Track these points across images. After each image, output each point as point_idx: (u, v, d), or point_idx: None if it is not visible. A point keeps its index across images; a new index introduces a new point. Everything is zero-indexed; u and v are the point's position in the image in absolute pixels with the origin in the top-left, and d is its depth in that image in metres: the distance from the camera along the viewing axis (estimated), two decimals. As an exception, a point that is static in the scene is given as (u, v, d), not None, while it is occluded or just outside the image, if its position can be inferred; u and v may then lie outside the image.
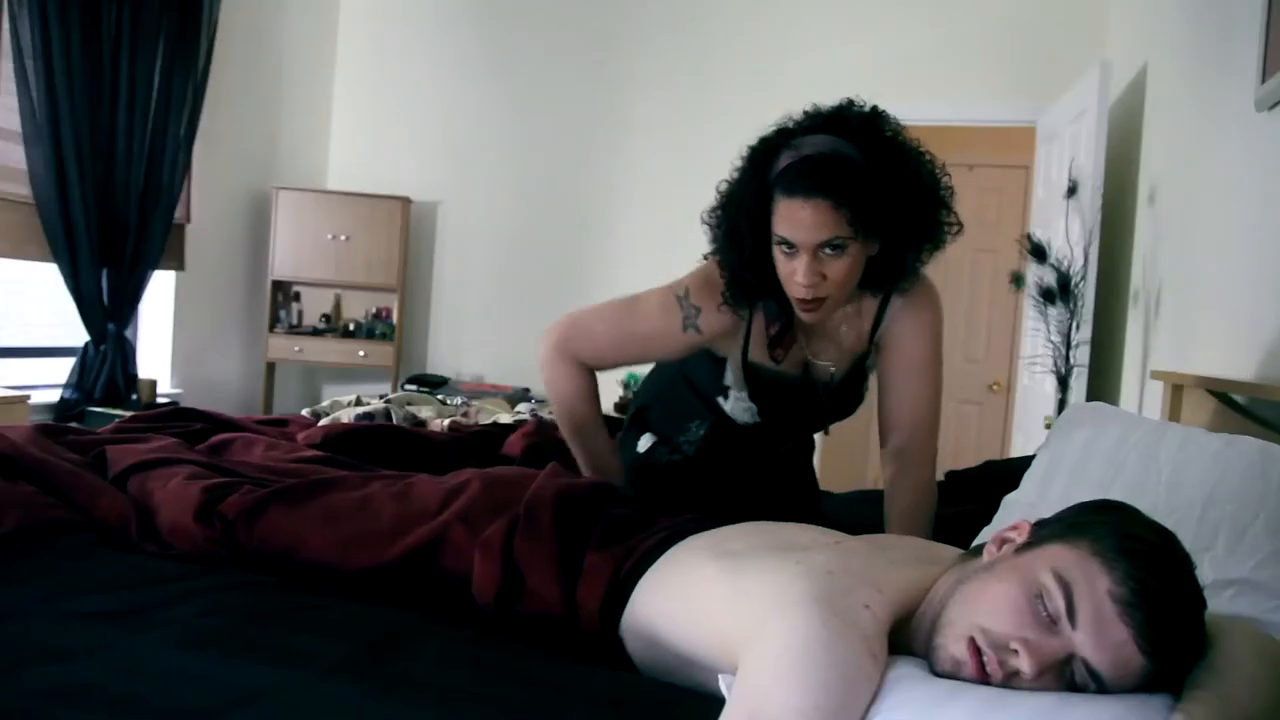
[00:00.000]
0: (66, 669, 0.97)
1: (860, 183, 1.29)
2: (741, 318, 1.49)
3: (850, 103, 1.39)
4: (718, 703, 0.85)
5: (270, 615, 1.05)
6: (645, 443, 1.69)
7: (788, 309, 1.46)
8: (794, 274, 1.34)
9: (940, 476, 2.35)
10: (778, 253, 1.35)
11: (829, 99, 1.39)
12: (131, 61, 3.61)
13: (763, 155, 1.37)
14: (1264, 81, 2.01)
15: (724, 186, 1.44)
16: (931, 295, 1.59)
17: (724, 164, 1.46)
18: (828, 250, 1.31)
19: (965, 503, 1.91)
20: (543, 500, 1.19)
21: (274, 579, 1.17)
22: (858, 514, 1.52)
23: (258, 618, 1.04)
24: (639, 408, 1.75)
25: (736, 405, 1.56)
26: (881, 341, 1.58)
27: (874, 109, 1.39)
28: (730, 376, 1.55)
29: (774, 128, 1.40)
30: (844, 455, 5.02)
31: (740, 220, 1.38)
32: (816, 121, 1.36)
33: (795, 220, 1.29)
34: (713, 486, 1.62)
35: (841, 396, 1.61)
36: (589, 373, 1.56)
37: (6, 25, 3.22)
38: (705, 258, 1.50)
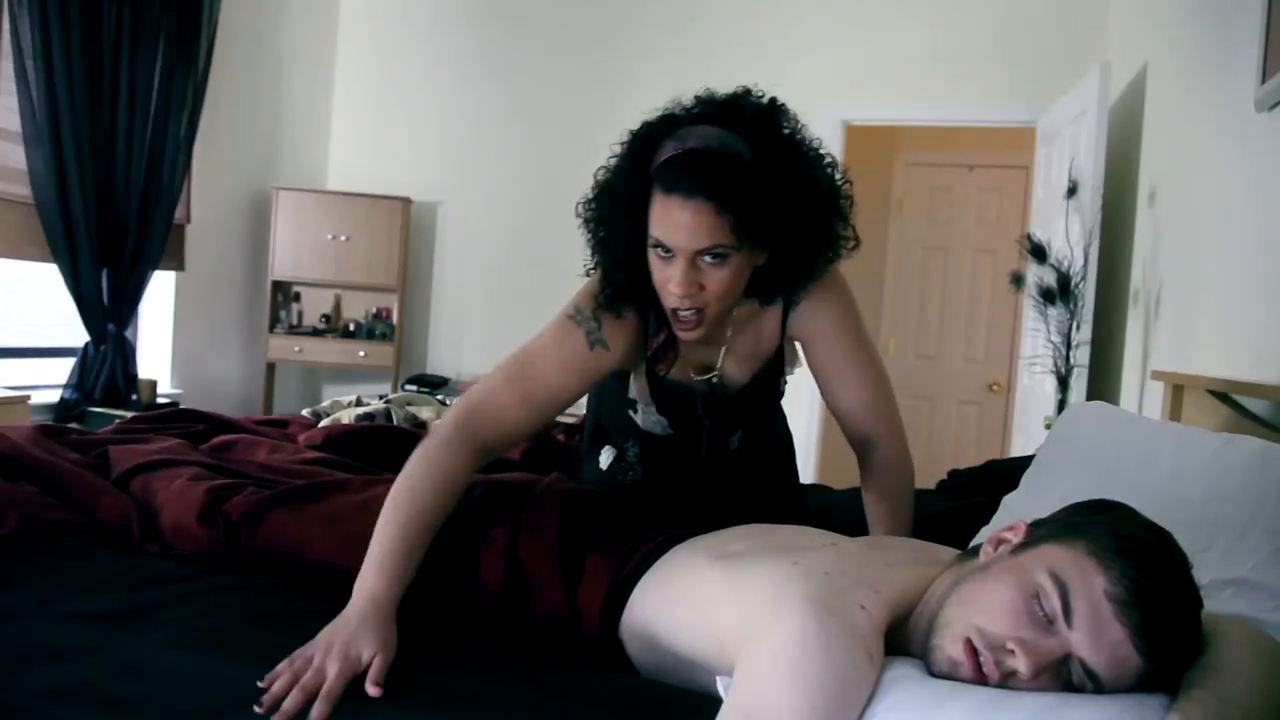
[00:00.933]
0: (66, 669, 0.98)
1: (748, 185, 1.15)
2: (636, 325, 1.35)
3: (747, 91, 1.24)
4: (716, 704, 0.85)
5: (272, 616, 1.05)
6: (606, 457, 1.57)
7: (666, 318, 1.31)
8: (668, 282, 1.19)
9: (943, 475, 2.36)
10: (653, 256, 1.20)
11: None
12: (131, 61, 3.61)
13: (644, 143, 1.22)
14: (1264, 81, 2.01)
15: (601, 174, 1.28)
16: (833, 285, 1.40)
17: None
18: (707, 259, 1.16)
19: (961, 497, 1.90)
20: (546, 503, 1.19)
21: (277, 580, 1.17)
22: (858, 509, 1.50)
23: (259, 619, 1.04)
24: (594, 425, 1.63)
25: (646, 418, 1.46)
26: (796, 339, 1.44)
27: (772, 100, 1.24)
28: (634, 389, 1.43)
29: (660, 112, 1.25)
30: (844, 450, 5.02)
31: (615, 214, 1.24)
32: (708, 110, 1.22)
33: (673, 222, 1.15)
34: (676, 501, 1.48)
35: (752, 401, 1.47)
36: (471, 468, 1.21)
37: (6, 25, 3.22)
38: (588, 273, 1.36)
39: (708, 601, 0.97)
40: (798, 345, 1.46)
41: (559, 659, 1.04)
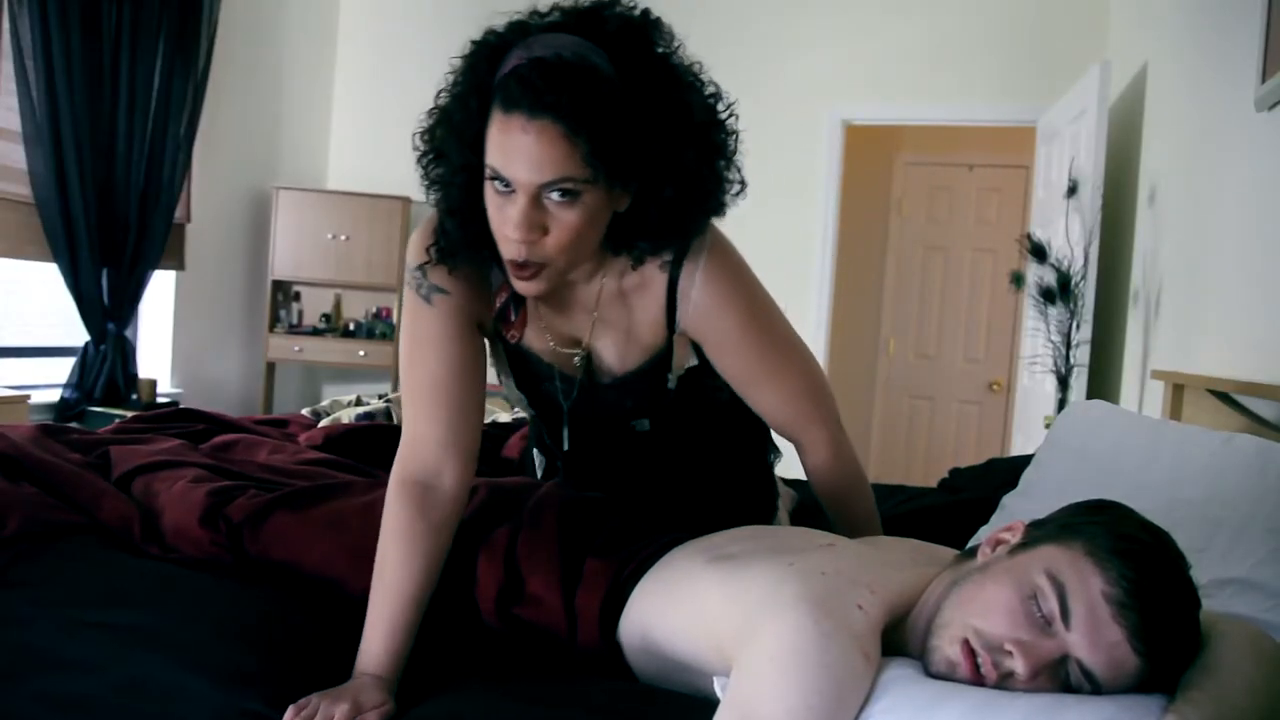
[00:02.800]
0: (68, 679, 0.98)
1: (607, 104, 0.95)
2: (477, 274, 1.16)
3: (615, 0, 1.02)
4: (713, 709, 0.85)
5: (276, 638, 1.04)
6: (538, 461, 1.45)
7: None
8: (504, 224, 0.99)
9: (943, 474, 2.36)
10: (490, 191, 1.00)
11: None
12: (131, 61, 3.61)
13: (487, 55, 1.01)
14: (1264, 81, 2.01)
15: (440, 97, 1.07)
16: (721, 255, 1.16)
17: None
18: (554, 195, 0.97)
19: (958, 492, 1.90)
20: (547, 507, 1.18)
21: (281, 592, 1.15)
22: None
23: (263, 639, 1.03)
24: (524, 422, 1.49)
25: (510, 392, 1.28)
26: (688, 333, 1.19)
27: (645, 12, 1.04)
28: (496, 365, 1.27)
29: (508, 20, 1.04)
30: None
31: (449, 143, 1.03)
32: (565, 19, 1.01)
33: (512, 147, 0.95)
34: (594, 487, 1.30)
35: (634, 395, 1.25)
36: (425, 516, 1.09)
37: (6, 25, 3.21)
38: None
39: (705, 603, 0.97)
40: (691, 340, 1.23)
41: (559, 673, 1.04)
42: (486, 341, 1.24)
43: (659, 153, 1.00)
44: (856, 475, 1.33)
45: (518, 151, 0.95)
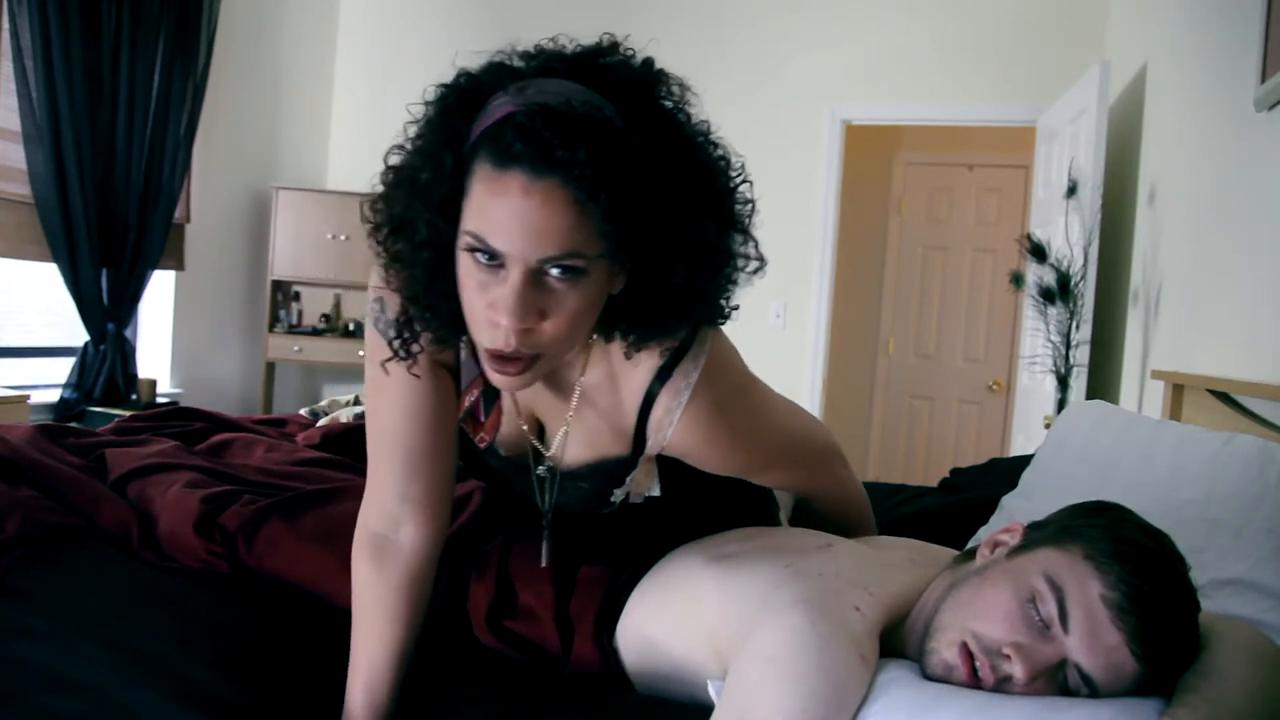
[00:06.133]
0: (66, 699, 0.98)
1: (626, 164, 0.78)
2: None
3: (614, 44, 0.90)
4: (708, 713, 0.85)
5: (275, 667, 1.04)
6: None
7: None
8: (490, 307, 0.81)
9: (943, 474, 2.36)
10: (467, 264, 0.81)
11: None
12: (131, 61, 3.61)
13: (462, 99, 0.84)
14: (1264, 81, 2.00)
15: (393, 156, 0.90)
16: (709, 386, 0.95)
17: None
18: (554, 271, 0.79)
19: (958, 492, 1.90)
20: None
21: (277, 613, 1.14)
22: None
23: (259, 671, 1.02)
24: None
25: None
26: (655, 447, 0.99)
27: (648, 61, 0.89)
28: None
29: (486, 62, 0.88)
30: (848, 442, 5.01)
31: (412, 208, 0.84)
32: (556, 63, 0.87)
33: (507, 212, 0.77)
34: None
35: (583, 496, 1.07)
36: (386, 572, 1.03)
37: (6, 25, 3.21)
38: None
39: (702, 604, 0.96)
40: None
41: (554, 696, 1.03)
42: None
43: (676, 224, 0.83)
44: (858, 506, 1.29)
45: (514, 218, 0.76)
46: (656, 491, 1.08)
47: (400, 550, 1.04)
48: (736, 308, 0.93)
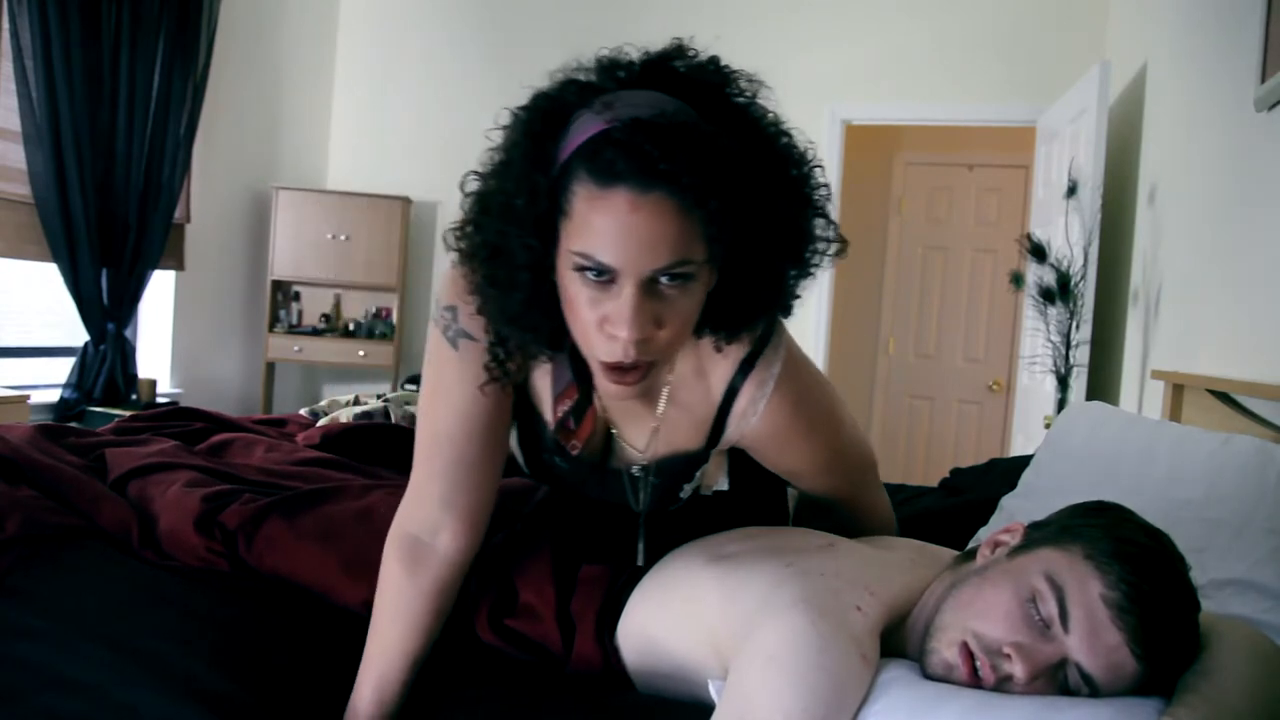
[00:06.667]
0: (66, 699, 0.98)
1: (725, 170, 0.80)
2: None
3: (680, 47, 0.90)
4: (709, 713, 0.85)
5: (273, 667, 1.04)
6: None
7: (582, 368, 0.97)
8: (605, 321, 0.82)
9: (943, 474, 2.36)
10: (574, 282, 0.83)
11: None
12: (131, 61, 3.61)
13: (546, 120, 0.85)
14: (1264, 81, 2.00)
15: (473, 181, 0.92)
16: (791, 377, 1.01)
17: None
18: (667, 281, 0.81)
19: (960, 494, 1.90)
20: (541, 513, 1.17)
21: (278, 611, 1.13)
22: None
23: (259, 669, 1.02)
24: None
25: (512, 447, 1.14)
26: (733, 438, 1.05)
27: (715, 59, 0.90)
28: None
29: (559, 80, 0.88)
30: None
31: (507, 234, 0.85)
32: (630, 73, 0.87)
33: (617, 229, 0.78)
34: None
35: (656, 491, 1.09)
36: (415, 574, 1.03)
37: (6, 25, 3.21)
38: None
39: (702, 603, 0.96)
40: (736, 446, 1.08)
41: (555, 697, 1.03)
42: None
43: (769, 217, 0.86)
44: (885, 530, 1.29)
45: (624, 234, 0.78)
46: (725, 485, 1.12)
47: (435, 556, 1.03)
48: (799, 297, 0.95)
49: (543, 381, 1.04)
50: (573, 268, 0.82)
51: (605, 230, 0.79)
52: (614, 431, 1.06)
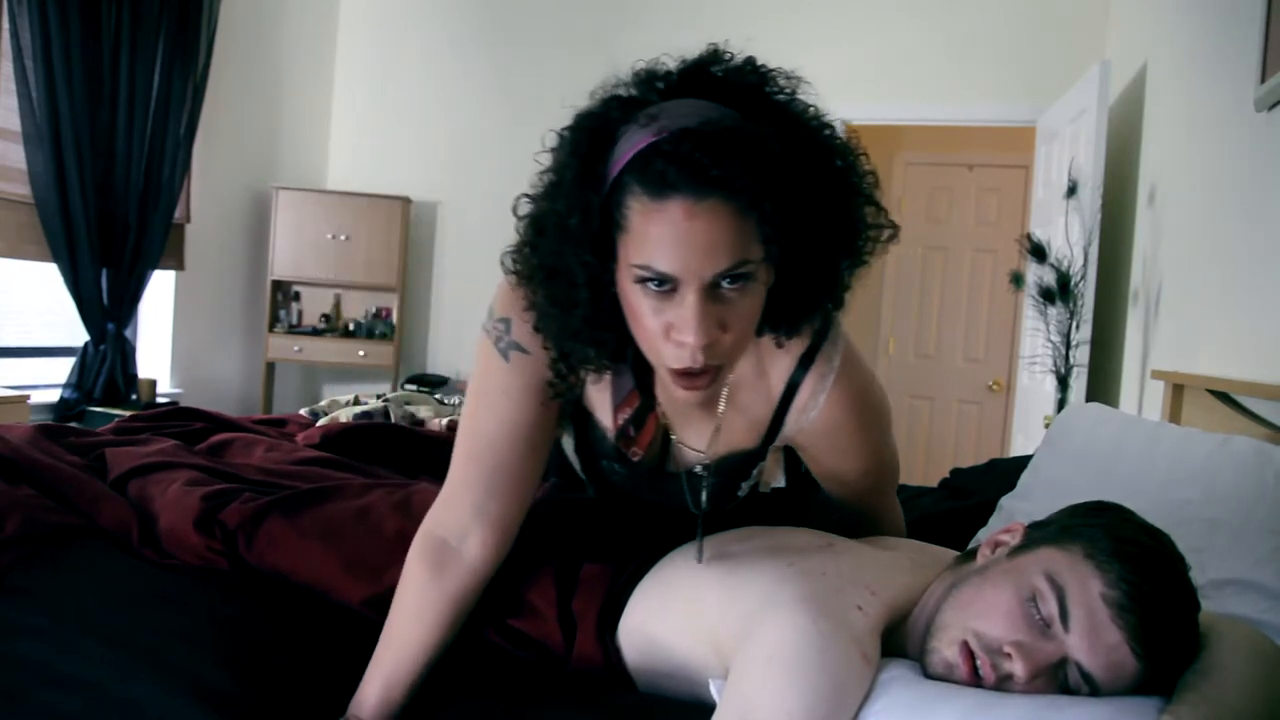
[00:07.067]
0: (66, 697, 0.98)
1: (774, 171, 0.82)
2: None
3: (716, 53, 0.91)
4: (710, 712, 0.85)
5: (273, 664, 1.03)
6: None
7: (642, 376, 1.00)
8: (671, 329, 0.84)
9: (943, 474, 2.36)
10: (635, 293, 0.85)
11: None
12: (131, 61, 3.61)
13: (592, 137, 0.87)
14: (1264, 81, 2.00)
15: (525, 205, 0.93)
16: (851, 372, 1.03)
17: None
18: (727, 283, 0.82)
19: (966, 497, 1.90)
20: (542, 512, 1.17)
21: (279, 608, 1.13)
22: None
23: (260, 666, 1.02)
24: None
25: (569, 454, 1.17)
26: (787, 441, 1.08)
27: (751, 60, 0.91)
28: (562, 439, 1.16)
29: (601, 97, 0.90)
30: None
31: (563, 253, 0.87)
32: (669, 83, 0.88)
33: (675, 238, 0.80)
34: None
35: (714, 490, 1.10)
36: (440, 580, 1.03)
37: (6, 25, 3.21)
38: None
39: (703, 602, 0.96)
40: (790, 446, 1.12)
41: (556, 693, 1.03)
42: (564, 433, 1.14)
43: (821, 210, 0.87)
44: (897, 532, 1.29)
45: (682, 242, 0.80)
46: (782, 481, 1.14)
47: (460, 562, 1.03)
48: (850, 287, 0.96)
49: (600, 391, 1.05)
50: (634, 280, 0.84)
51: (663, 240, 0.80)
52: (672, 436, 1.07)
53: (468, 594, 1.04)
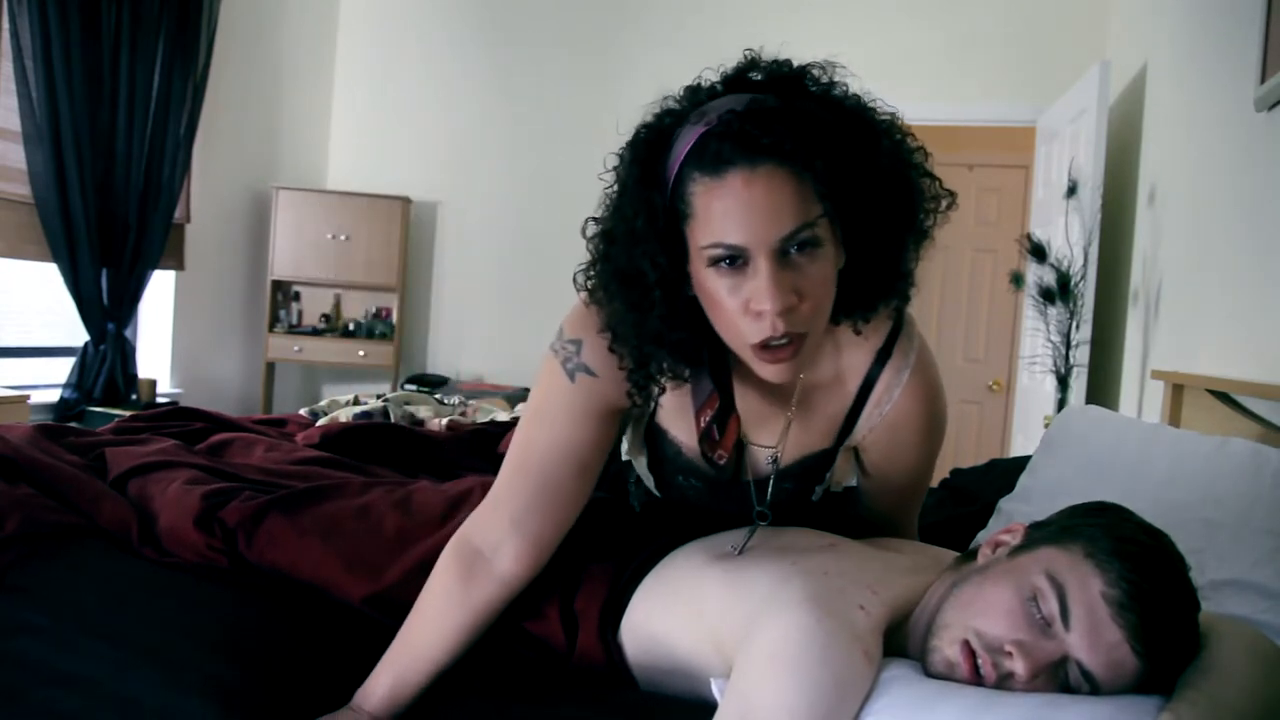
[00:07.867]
0: (66, 694, 0.98)
1: (819, 133, 0.85)
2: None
3: (753, 60, 0.94)
4: (711, 711, 0.85)
5: (274, 660, 1.04)
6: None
7: (721, 379, 1.01)
8: (749, 303, 0.86)
9: (944, 474, 2.36)
10: (710, 279, 0.87)
11: None
12: (131, 61, 3.61)
13: (649, 146, 0.91)
14: (1264, 81, 2.00)
15: (592, 226, 0.95)
16: (926, 363, 1.07)
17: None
18: (795, 249, 0.85)
19: (970, 502, 1.90)
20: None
21: (281, 611, 1.13)
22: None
23: (260, 659, 1.03)
24: None
25: (642, 472, 1.19)
26: (863, 431, 1.09)
27: (787, 62, 0.94)
28: (629, 434, 1.17)
29: (653, 113, 0.93)
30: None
31: (635, 257, 0.89)
32: (714, 93, 0.92)
33: (736, 209, 0.83)
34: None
35: (787, 496, 1.11)
36: (468, 589, 1.03)
37: (6, 25, 3.21)
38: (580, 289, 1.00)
39: (706, 601, 0.96)
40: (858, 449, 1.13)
41: (556, 690, 1.03)
42: (628, 438, 1.16)
43: (874, 180, 0.89)
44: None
45: (745, 210, 0.83)
46: (854, 480, 1.16)
47: (489, 573, 1.04)
48: (916, 265, 0.97)
49: (680, 400, 1.06)
50: (707, 264, 0.87)
51: (727, 213, 0.84)
52: (747, 442, 1.07)
53: (493, 606, 1.05)
